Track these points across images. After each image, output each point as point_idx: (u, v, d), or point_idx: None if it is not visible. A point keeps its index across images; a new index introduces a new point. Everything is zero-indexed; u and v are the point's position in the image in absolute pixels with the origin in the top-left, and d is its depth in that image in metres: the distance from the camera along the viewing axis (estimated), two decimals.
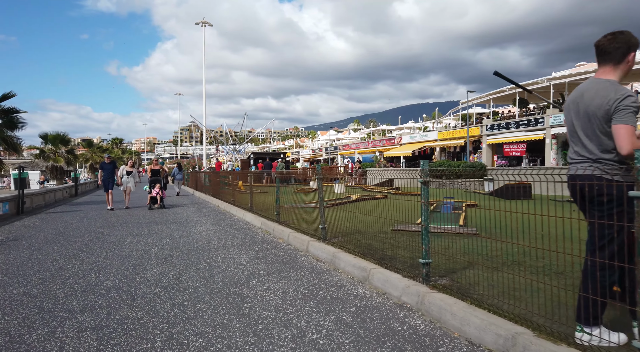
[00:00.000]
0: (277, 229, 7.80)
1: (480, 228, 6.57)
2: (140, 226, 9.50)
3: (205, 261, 5.75)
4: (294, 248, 6.58)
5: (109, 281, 4.72)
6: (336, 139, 69.25)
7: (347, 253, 5.20)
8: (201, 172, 22.84)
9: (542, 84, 28.33)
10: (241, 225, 9.51)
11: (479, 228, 6.62)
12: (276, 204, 8.49)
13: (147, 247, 6.80)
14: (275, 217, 8.49)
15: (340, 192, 17.34)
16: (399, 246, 5.55)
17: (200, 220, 10.51)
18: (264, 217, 9.28)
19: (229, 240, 7.47)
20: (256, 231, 8.49)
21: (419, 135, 37.93)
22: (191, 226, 9.35)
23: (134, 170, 14.24)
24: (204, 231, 8.58)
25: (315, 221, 7.55)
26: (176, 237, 7.86)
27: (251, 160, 31.25)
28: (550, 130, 24.64)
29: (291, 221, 8.29)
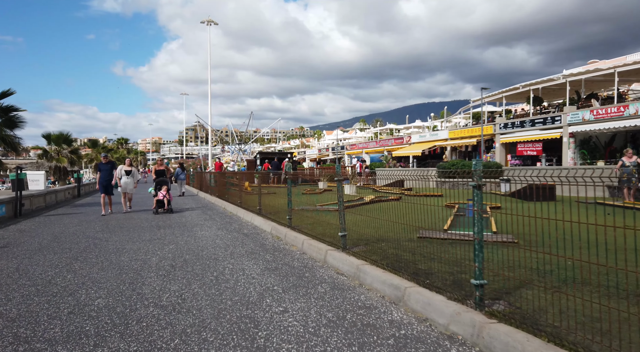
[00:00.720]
0: (290, 235, 7.15)
1: (515, 235, 5.87)
2: (141, 230, 8.89)
3: (211, 272, 5.11)
4: (310, 258, 5.92)
5: (101, 300, 4.09)
6: (343, 138, 68.54)
7: (373, 266, 4.53)
8: (206, 172, 22.26)
9: (558, 80, 27.44)
10: (249, 230, 8.88)
11: (513, 235, 5.92)
12: (288, 207, 7.84)
13: (147, 256, 6.18)
14: (287, 221, 7.84)
15: (351, 193, 16.68)
16: (432, 256, 4.87)
17: (206, 224, 9.89)
18: (274, 221, 8.64)
19: (237, 247, 6.83)
20: (266, 237, 7.85)
21: (428, 135, 37.13)
22: (196, 231, 8.73)
23: (133, 170, 12.68)
24: (209, 237, 7.95)
25: (332, 227, 6.89)
26: (180, 243, 7.24)
27: (257, 160, 30.65)
28: (567, 128, 23.78)
29: (304, 226, 7.64)
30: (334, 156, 58.63)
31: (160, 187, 12.43)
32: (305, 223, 7.99)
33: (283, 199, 8.97)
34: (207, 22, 48.95)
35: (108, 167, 12.26)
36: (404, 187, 19.13)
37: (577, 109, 23.92)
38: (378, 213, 5.74)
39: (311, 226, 7.55)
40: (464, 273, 4.13)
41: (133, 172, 12.72)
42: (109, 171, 12.16)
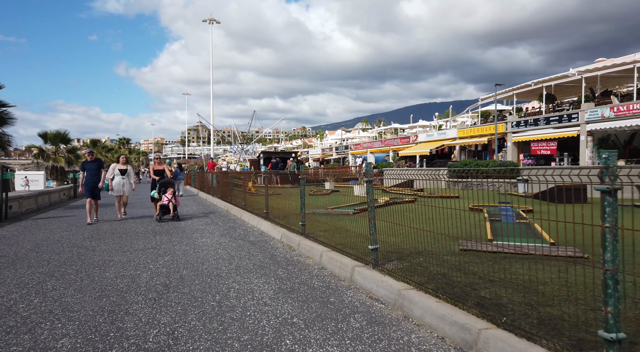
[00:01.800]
0: (304, 245, 6.16)
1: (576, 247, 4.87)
2: (135, 237, 7.92)
3: (212, 296, 4.13)
4: (332, 274, 4.93)
5: (67, 339, 3.11)
6: (347, 138, 67.56)
7: (420, 292, 3.54)
8: (207, 172, 21.31)
9: (573, 77, 26.40)
10: (256, 236, 7.89)
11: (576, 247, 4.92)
12: (301, 211, 6.85)
13: (137, 271, 5.20)
14: (300, 228, 6.85)
15: (361, 194, 15.69)
16: (491, 278, 3.87)
17: (207, 229, 8.91)
18: (284, 227, 7.65)
19: (244, 259, 5.84)
20: (276, 246, 6.86)
21: (436, 134, 36.09)
22: (196, 238, 7.75)
23: (129, 168, 10.95)
24: (211, 245, 6.97)
25: (351, 235, 5.91)
26: (177, 254, 6.25)
27: (261, 160, 29.68)
28: (585, 126, 22.73)
29: (319, 234, 6.65)
30: (337, 156, 57.65)
31: (166, 189, 10.52)
32: (320, 229, 7.01)
33: (291, 201, 7.99)
34: (209, 20, 48.15)
35: (94, 166, 10.29)
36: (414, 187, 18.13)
37: (595, 106, 22.87)
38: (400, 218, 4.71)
39: (328, 234, 6.56)
40: (548, 306, 3.13)
41: (129, 171, 10.97)
42: (95, 171, 10.25)
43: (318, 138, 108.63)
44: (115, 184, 10.67)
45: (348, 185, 17.19)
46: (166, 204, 10.30)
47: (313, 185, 18.09)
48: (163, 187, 10.62)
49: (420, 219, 4.02)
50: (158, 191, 10.57)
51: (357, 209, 9.85)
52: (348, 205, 10.92)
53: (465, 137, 31.94)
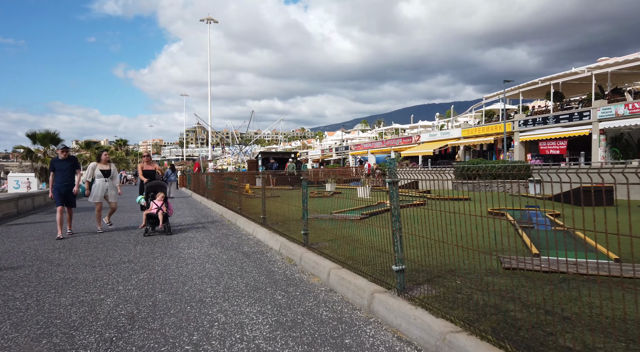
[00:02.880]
0: (307, 258, 5.15)
1: None
2: (113, 247, 6.91)
3: (189, 334, 3.13)
4: (343, 300, 3.93)
5: None
6: (347, 138, 66.61)
7: (472, 337, 2.54)
8: (202, 173, 20.31)
9: (582, 74, 25.49)
10: (251, 246, 6.88)
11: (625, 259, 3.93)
12: (303, 218, 5.84)
13: (101, 295, 4.19)
14: (302, 237, 5.85)
15: (365, 196, 14.70)
16: (565, 314, 2.88)
17: (197, 236, 7.91)
18: (283, 236, 6.65)
19: (235, 277, 4.84)
20: (274, 259, 5.85)
21: (439, 134, 35.13)
22: (182, 248, 6.74)
23: (113, 168, 8.91)
24: (198, 257, 5.96)
25: (364, 247, 4.92)
26: (156, 270, 5.25)
27: (259, 161, 28.67)
28: (598, 124, 21.78)
29: (324, 244, 5.66)
30: (337, 157, 56.70)
31: (155, 194, 8.49)
32: (325, 239, 6.01)
33: (291, 205, 6.99)
34: (207, 20, 47.30)
35: (68, 165, 8.10)
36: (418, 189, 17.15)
37: (607, 103, 21.92)
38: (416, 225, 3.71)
39: (334, 245, 5.56)
40: None
41: (113, 172, 8.89)
42: (69, 171, 8.09)
43: (317, 139, 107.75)
44: (94, 188, 8.57)
45: (350, 186, 16.20)
46: (154, 213, 8.18)
47: (313, 187, 17.09)
48: (151, 191, 8.59)
49: (438, 226, 3.08)
50: (145, 197, 8.57)
51: (365, 213, 8.86)
52: (353, 209, 9.93)
53: (470, 137, 30.98)
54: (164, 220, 8.25)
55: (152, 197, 8.51)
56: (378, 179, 23.99)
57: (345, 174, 17.96)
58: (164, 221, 8.23)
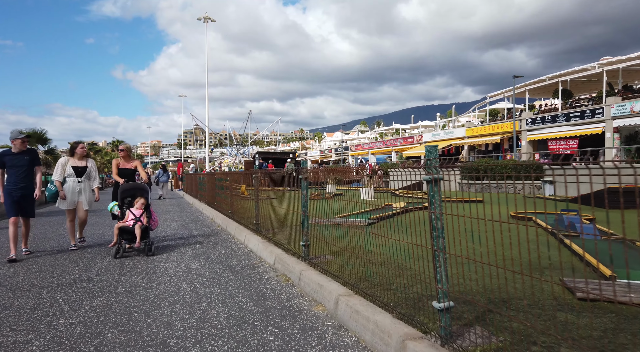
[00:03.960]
0: (308, 278, 4.07)
1: None
2: (76, 257, 5.81)
3: None
4: (358, 344, 2.85)
5: None
6: (346, 139, 65.61)
7: None
8: (195, 174, 19.23)
9: (593, 70, 24.49)
10: (241, 258, 5.79)
11: None
12: (303, 227, 4.76)
13: (29, 334, 3.11)
14: (301, 250, 4.78)
15: (368, 198, 13.61)
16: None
17: (179, 247, 6.82)
18: (280, 247, 5.57)
19: (215, 305, 3.75)
20: (267, 276, 4.77)
21: (442, 133, 34.09)
22: (159, 260, 5.65)
23: (90, 166, 6.79)
24: (175, 273, 4.88)
25: (383, 265, 3.84)
26: (117, 292, 4.16)
27: (256, 161, 27.59)
28: (611, 122, 20.75)
29: (328, 258, 4.58)
30: (337, 157, 55.68)
31: (132, 200, 6.47)
32: (329, 251, 4.92)
33: (289, 209, 5.88)
34: (204, 19, 46.36)
35: (25, 160, 6.07)
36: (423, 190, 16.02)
37: (622, 100, 20.90)
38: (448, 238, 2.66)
39: (341, 259, 4.47)
40: None
41: (90, 170, 6.74)
42: (25, 168, 6.05)
43: (316, 140, 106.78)
44: (66, 190, 6.50)
45: (351, 187, 15.12)
46: (130, 227, 6.02)
47: (312, 187, 16.04)
48: (128, 196, 6.46)
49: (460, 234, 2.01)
50: (120, 204, 6.39)
51: (373, 218, 7.79)
52: (358, 212, 8.84)
53: (475, 136, 29.95)
54: (144, 235, 6.14)
55: (128, 204, 6.43)
56: (379, 180, 22.97)
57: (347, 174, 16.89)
58: (143, 236, 6.11)
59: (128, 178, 7.01)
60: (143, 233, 6.11)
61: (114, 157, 53.90)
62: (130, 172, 7.15)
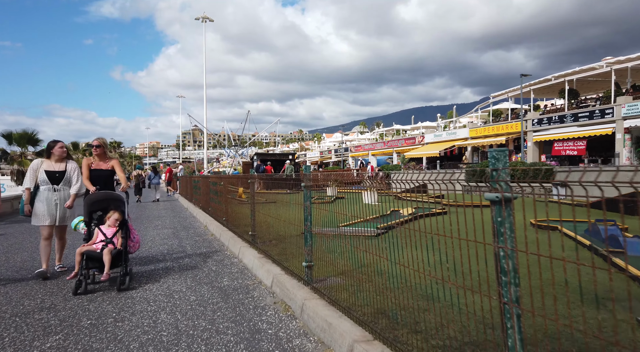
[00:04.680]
0: (312, 310, 3.33)
1: None
2: (33, 292, 5.06)
3: None
4: None
5: None
6: (346, 140, 64.92)
7: None
8: (191, 177, 18.49)
9: (601, 69, 23.82)
10: (234, 277, 5.04)
11: None
12: (306, 245, 4.02)
13: None
14: (303, 271, 4.03)
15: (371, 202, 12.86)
16: None
17: (165, 259, 6.07)
18: (278, 265, 4.82)
19: (197, 347, 3.00)
20: (263, 303, 4.02)
21: (445, 134, 33.38)
22: (138, 281, 4.90)
23: (69, 170, 5.41)
24: (154, 298, 4.13)
25: (402, 292, 3.11)
26: (80, 326, 3.42)
27: (255, 163, 26.82)
28: (622, 123, 20.06)
29: (335, 282, 3.84)
30: (336, 159, 54.99)
31: (103, 214, 5.04)
32: (336, 271, 4.16)
33: (289, 216, 5.12)
34: (202, 18, 45.70)
35: None
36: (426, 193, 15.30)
37: (633, 100, 20.22)
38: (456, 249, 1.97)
39: (351, 283, 3.73)
40: None
41: (69, 174, 5.36)
42: None
43: (315, 141, 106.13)
44: (37, 202, 5.12)
45: (353, 190, 14.38)
46: (97, 252, 4.58)
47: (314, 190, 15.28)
48: (97, 209, 5.03)
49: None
50: (87, 219, 4.97)
51: (381, 227, 7.05)
52: (364, 220, 8.08)
53: (479, 137, 29.24)
54: (116, 262, 4.65)
55: (98, 220, 4.99)
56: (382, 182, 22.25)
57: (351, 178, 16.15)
58: (115, 263, 4.63)
59: (104, 183, 5.40)
60: (115, 259, 4.64)
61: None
62: (106, 174, 5.50)
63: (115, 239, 4.82)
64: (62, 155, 5.42)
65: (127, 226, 4.92)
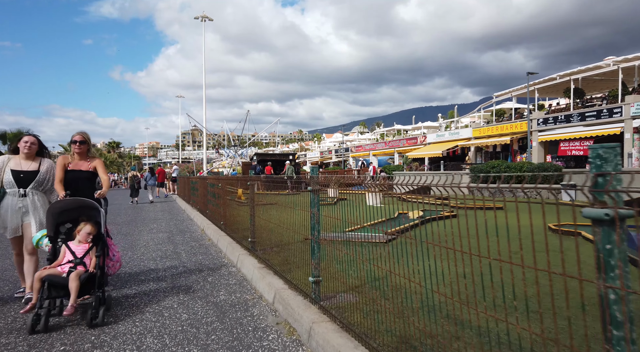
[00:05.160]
0: (322, 338, 2.84)
1: None
2: (3, 312, 4.57)
3: None
4: None
5: None
6: (347, 140, 64.46)
7: None
8: (189, 178, 18.00)
9: (608, 68, 23.35)
10: (231, 290, 4.56)
11: None
12: (313, 257, 3.54)
13: None
14: (310, 287, 3.55)
15: (375, 204, 12.38)
16: None
17: (157, 269, 5.58)
18: (281, 277, 4.34)
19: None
20: (263, 324, 3.54)
21: (448, 134, 32.89)
22: (125, 293, 4.41)
23: (42, 171, 4.33)
24: (141, 317, 3.65)
25: (426, 312, 2.62)
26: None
27: (255, 163, 26.34)
28: (631, 122, 19.59)
29: (346, 299, 3.37)
30: (337, 159, 54.55)
31: (73, 226, 3.97)
32: (346, 286, 3.68)
33: (291, 219, 4.62)
34: (202, 18, 45.27)
35: None
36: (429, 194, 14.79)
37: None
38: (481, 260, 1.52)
39: (365, 301, 3.25)
40: None
41: (43, 175, 4.33)
42: None
43: (315, 141, 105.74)
44: (3, 208, 4.16)
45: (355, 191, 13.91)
46: (62, 278, 3.56)
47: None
48: (66, 220, 4.00)
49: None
50: (52, 234, 3.88)
51: (390, 232, 6.55)
52: (370, 224, 7.58)
53: (482, 137, 28.76)
54: (87, 289, 3.61)
55: (66, 234, 3.96)
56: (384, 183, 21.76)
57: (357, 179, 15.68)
58: (85, 290, 3.60)
59: (82, 188, 4.26)
60: (86, 286, 3.55)
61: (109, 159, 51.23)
62: (86, 177, 4.40)
63: (87, 259, 3.76)
64: (27, 151, 4.26)
65: (104, 241, 3.86)
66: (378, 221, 6.91)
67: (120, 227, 10.05)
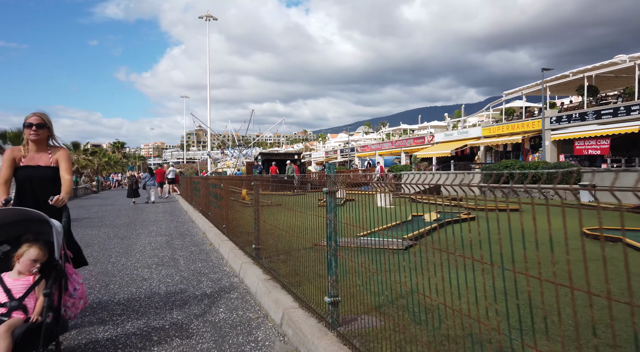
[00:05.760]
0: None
1: None
2: None
3: None
4: None
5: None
6: (352, 140, 63.87)
7: None
8: (191, 178, 17.49)
9: (623, 64, 22.60)
10: (233, 305, 3.98)
11: None
12: (329, 273, 2.95)
13: None
14: (325, 308, 2.96)
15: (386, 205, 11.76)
16: None
17: (152, 278, 5.02)
18: (289, 293, 3.75)
19: None
20: (269, 351, 2.96)
21: (456, 133, 32.20)
22: (113, 309, 3.85)
23: None
24: (125, 343, 3.08)
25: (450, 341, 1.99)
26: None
27: (258, 162, 25.80)
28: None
29: (368, 323, 2.77)
30: (342, 159, 53.97)
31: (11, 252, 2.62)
32: (367, 305, 3.10)
33: (299, 223, 4.00)
34: (206, 17, 44.95)
35: None
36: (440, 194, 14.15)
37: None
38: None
39: (390, 327, 2.65)
40: None
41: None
42: None
43: (320, 141, 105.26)
44: None
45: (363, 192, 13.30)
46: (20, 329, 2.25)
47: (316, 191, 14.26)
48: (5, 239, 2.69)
49: None
50: None
51: (408, 237, 5.97)
52: (384, 228, 6.95)
53: (493, 136, 28.05)
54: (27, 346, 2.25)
55: (3, 257, 2.66)
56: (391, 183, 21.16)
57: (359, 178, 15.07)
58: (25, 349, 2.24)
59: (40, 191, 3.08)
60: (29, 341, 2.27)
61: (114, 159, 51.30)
62: (47, 175, 3.16)
63: (30, 301, 2.46)
64: None
65: (60, 270, 2.57)
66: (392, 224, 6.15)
67: (118, 230, 9.53)
